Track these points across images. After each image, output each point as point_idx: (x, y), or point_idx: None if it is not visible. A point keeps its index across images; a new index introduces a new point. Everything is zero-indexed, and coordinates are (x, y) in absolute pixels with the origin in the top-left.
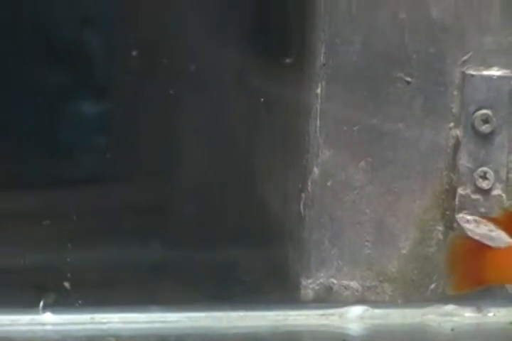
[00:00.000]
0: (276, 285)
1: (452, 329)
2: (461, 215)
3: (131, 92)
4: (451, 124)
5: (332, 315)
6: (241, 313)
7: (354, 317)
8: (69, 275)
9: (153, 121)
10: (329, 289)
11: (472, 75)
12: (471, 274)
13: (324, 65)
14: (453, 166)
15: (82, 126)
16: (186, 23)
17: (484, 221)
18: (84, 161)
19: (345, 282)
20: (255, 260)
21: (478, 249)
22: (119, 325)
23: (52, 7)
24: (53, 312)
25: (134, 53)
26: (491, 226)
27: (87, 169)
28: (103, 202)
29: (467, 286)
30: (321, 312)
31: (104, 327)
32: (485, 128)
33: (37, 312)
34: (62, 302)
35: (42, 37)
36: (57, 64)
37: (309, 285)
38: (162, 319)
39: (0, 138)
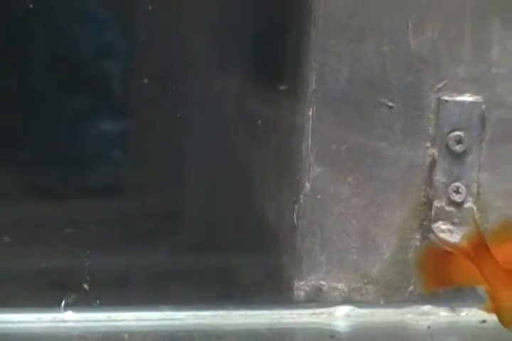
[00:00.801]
0: (272, 287)
1: (429, 327)
2: (436, 225)
3: (146, 115)
4: (428, 144)
5: (321, 313)
6: (242, 312)
7: (341, 315)
8: (88, 277)
9: (164, 140)
10: (319, 290)
11: (446, 101)
12: (438, 276)
13: (315, 90)
14: (429, 182)
15: (102, 143)
16: (195, 56)
17: (457, 230)
18: (104, 174)
19: (333, 284)
20: (254, 265)
21: (446, 254)
22: (133, 323)
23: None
24: (74, 310)
25: (146, 81)
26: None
27: (106, 182)
28: (118, 212)
29: (435, 286)
30: (311, 311)
31: (119, 324)
32: (458, 148)
33: (59, 311)
34: (81, 302)
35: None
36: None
37: (301, 287)
38: (171, 317)
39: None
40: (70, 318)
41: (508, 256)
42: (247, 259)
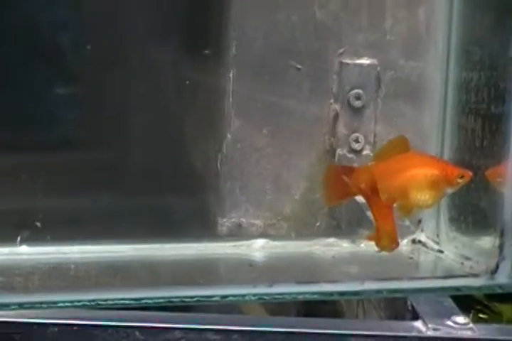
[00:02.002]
0: (199, 224)
1: (333, 256)
2: None
3: (91, 78)
4: (332, 101)
5: (241, 245)
6: (173, 245)
7: (258, 247)
8: (40, 216)
9: (108, 100)
10: (239, 226)
11: (347, 63)
12: (339, 189)
13: (235, 55)
14: (333, 133)
15: (53, 103)
16: (133, 27)
17: None
18: (56, 130)
19: (251, 221)
20: (184, 205)
21: (346, 170)
22: (78, 255)
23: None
24: (28, 245)
25: (88, 47)
26: None
27: (57, 136)
28: (69, 162)
29: (337, 199)
30: (233, 243)
31: (67, 256)
32: (357, 103)
33: (15, 245)
34: (34, 237)
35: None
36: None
37: (224, 223)
38: (112, 250)
39: None
40: (24, 252)
41: (389, 171)
42: (179, 201)
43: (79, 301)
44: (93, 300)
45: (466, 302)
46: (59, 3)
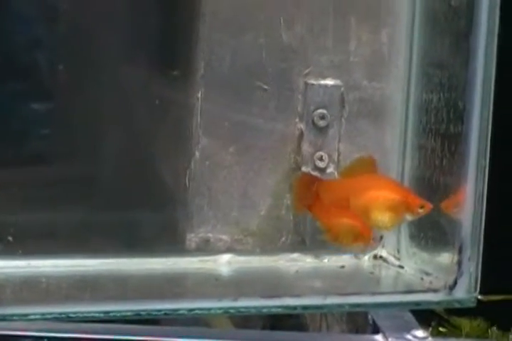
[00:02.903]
0: (168, 239)
1: (297, 271)
2: None
3: (65, 96)
4: (297, 120)
5: (208, 260)
6: (141, 259)
7: (224, 262)
8: (12, 230)
9: (80, 117)
10: (207, 241)
11: (312, 84)
12: (305, 199)
13: (203, 75)
14: (298, 151)
15: (27, 119)
16: (106, 48)
17: None
18: (29, 146)
19: (218, 236)
20: (153, 220)
21: (313, 180)
22: (50, 269)
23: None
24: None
25: (61, 67)
26: None
27: (30, 152)
28: (41, 177)
29: (303, 208)
30: (200, 258)
31: (39, 270)
32: (322, 123)
33: None
34: (6, 251)
35: None
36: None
37: (192, 239)
38: (83, 264)
39: None
40: None
41: (356, 188)
42: (148, 216)
43: (50, 314)
44: (63, 313)
45: (426, 316)
46: (31, 22)
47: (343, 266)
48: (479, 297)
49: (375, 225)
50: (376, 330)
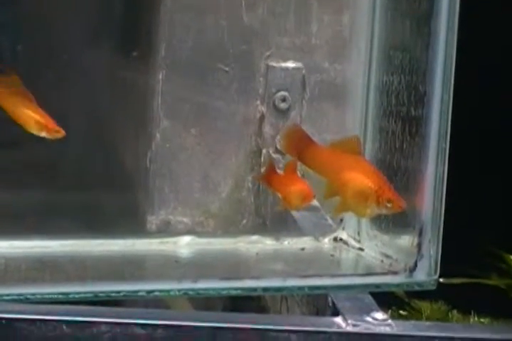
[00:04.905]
0: (128, 221)
1: (257, 253)
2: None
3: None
4: (258, 102)
5: (168, 242)
6: (101, 241)
7: (184, 244)
8: None
9: (47, 99)
10: (168, 223)
11: (273, 66)
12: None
13: (164, 57)
14: (259, 133)
15: None
16: (73, 32)
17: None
18: None
19: (179, 218)
20: (114, 202)
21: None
22: (9, 250)
23: None
24: None
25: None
26: None
27: None
28: (5, 162)
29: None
30: (160, 240)
31: None
32: (283, 105)
33: None
34: None
35: None
36: None
37: (153, 221)
38: (42, 245)
39: None
40: None
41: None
42: (109, 197)
43: (8, 295)
44: (21, 294)
45: (387, 299)
46: None
47: (303, 249)
48: (441, 280)
49: (344, 208)
50: (336, 312)
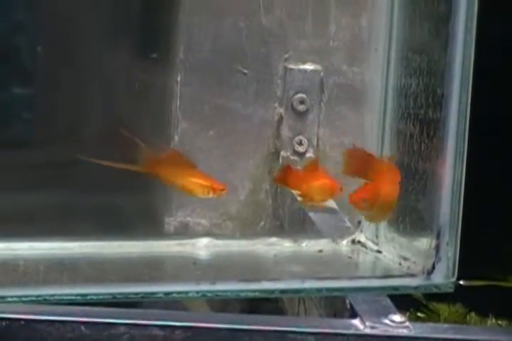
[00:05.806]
0: (147, 222)
1: (275, 255)
2: None
3: (47, 80)
4: (276, 104)
5: (186, 244)
6: (119, 243)
7: (202, 245)
8: None
9: (63, 101)
10: (186, 225)
11: (292, 68)
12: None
13: (183, 59)
14: (277, 135)
15: (11, 103)
16: (89, 31)
17: None
18: (14, 130)
19: (197, 220)
20: (133, 204)
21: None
22: (27, 252)
23: None
24: None
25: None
26: None
27: (16, 136)
28: (25, 161)
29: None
30: (178, 242)
31: (16, 253)
32: (301, 107)
33: None
34: None
35: None
36: None
37: (171, 222)
38: (61, 247)
39: None
40: None
41: None
42: (127, 199)
43: (27, 296)
44: (40, 296)
45: (405, 302)
46: (11, 5)
47: (321, 251)
48: (461, 282)
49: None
50: (354, 315)
